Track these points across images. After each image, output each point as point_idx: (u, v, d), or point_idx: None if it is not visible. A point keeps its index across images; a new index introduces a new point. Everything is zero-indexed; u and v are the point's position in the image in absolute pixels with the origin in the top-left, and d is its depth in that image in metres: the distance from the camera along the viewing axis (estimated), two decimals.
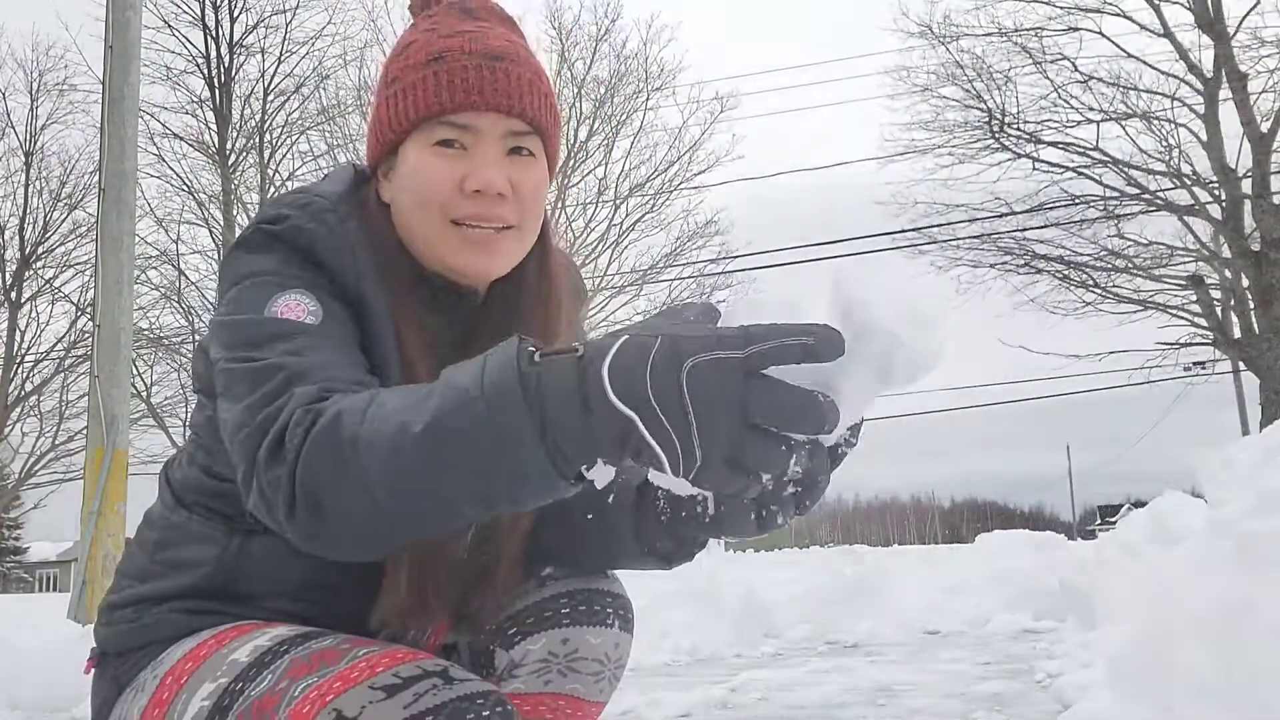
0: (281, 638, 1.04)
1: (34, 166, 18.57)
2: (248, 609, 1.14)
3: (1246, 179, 13.96)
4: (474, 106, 1.11)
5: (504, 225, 1.13)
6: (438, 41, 1.14)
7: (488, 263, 1.14)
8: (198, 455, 1.19)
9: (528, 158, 1.15)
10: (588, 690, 1.16)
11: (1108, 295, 15.29)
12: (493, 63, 1.13)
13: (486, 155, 1.12)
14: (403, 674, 0.92)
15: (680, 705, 4.13)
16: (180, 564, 1.16)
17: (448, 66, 1.12)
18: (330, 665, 0.96)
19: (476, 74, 1.12)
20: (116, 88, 7.31)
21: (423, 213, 1.12)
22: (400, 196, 1.15)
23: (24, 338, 18.74)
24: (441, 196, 1.11)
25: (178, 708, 1.03)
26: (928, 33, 15.41)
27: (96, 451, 6.89)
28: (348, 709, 0.90)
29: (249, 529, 1.14)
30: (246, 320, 1.03)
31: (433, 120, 1.12)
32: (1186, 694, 2.40)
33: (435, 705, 0.90)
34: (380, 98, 1.17)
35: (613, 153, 16.38)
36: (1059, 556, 8.27)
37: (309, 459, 0.88)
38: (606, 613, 1.17)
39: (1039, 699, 4.02)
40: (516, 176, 1.13)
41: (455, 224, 1.12)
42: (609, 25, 16.37)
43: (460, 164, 1.12)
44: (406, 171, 1.14)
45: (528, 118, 1.14)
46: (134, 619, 1.15)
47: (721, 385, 0.70)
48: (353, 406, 0.88)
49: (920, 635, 7.27)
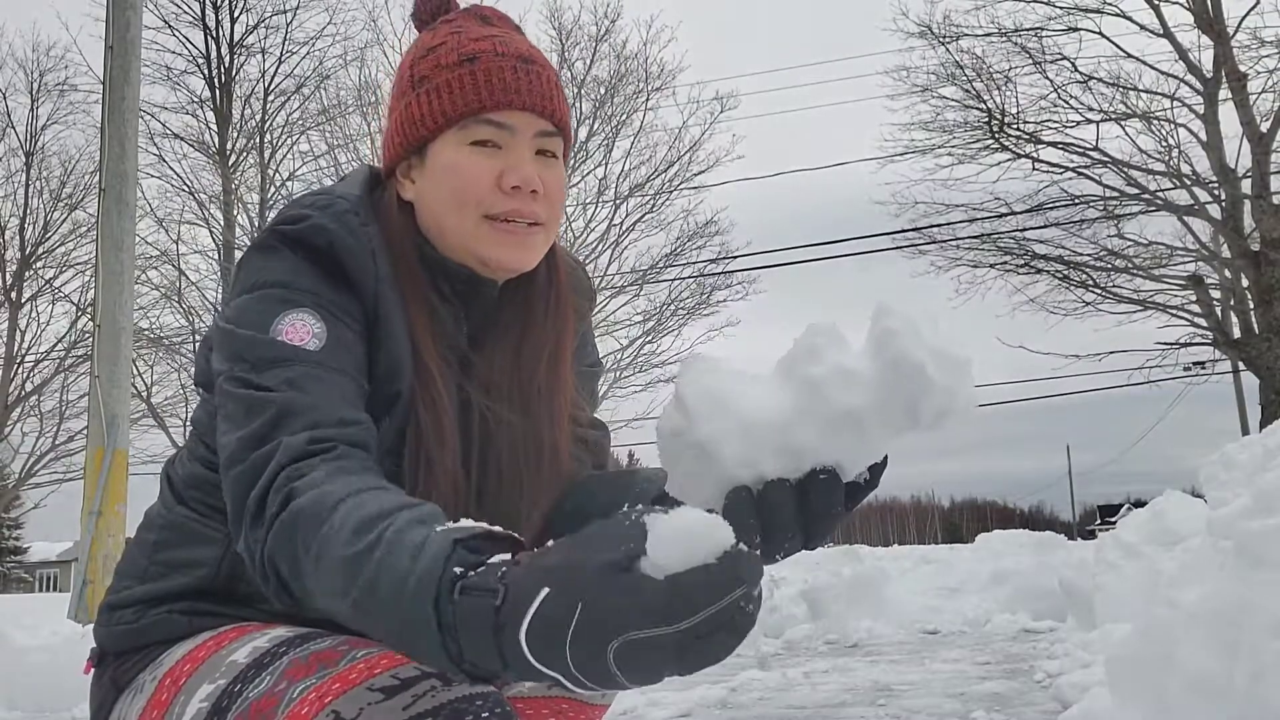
0: (280, 639, 1.04)
1: (34, 167, 18.57)
2: (247, 610, 1.13)
3: (1246, 179, 13.95)
4: (511, 105, 1.14)
5: (535, 221, 1.15)
6: (468, 44, 1.17)
7: (521, 256, 1.16)
8: (198, 449, 1.19)
9: (551, 159, 1.18)
10: (590, 694, 1.16)
11: (1108, 295, 15.28)
12: (526, 65, 1.16)
13: (521, 153, 1.15)
14: (401, 675, 0.92)
15: (680, 705, 4.14)
16: (179, 565, 1.16)
17: (484, 66, 1.14)
18: (329, 667, 0.95)
19: (513, 74, 1.14)
20: (116, 88, 7.32)
21: (458, 209, 1.14)
22: (431, 193, 1.16)
23: (24, 338, 18.75)
24: (480, 193, 1.13)
25: (176, 709, 1.03)
26: (927, 33, 15.40)
27: (96, 451, 6.89)
28: (346, 710, 0.90)
29: None
30: (250, 338, 1.03)
31: (470, 118, 1.14)
32: (1186, 694, 2.40)
33: (434, 707, 0.90)
34: (408, 97, 1.18)
35: (613, 153, 16.38)
36: (1059, 556, 8.28)
37: (274, 544, 0.90)
38: None
39: (1039, 699, 4.02)
40: (544, 175, 1.16)
41: (489, 219, 1.14)
42: (609, 25, 16.37)
43: (496, 161, 1.14)
44: (440, 168, 1.15)
45: (556, 119, 1.17)
46: (133, 620, 1.15)
47: (651, 665, 0.68)
48: (315, 511, 0.88)
49: (920, 635, 7.28)
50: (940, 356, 0.84)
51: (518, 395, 1.20)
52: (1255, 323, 13.73)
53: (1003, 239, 15.71)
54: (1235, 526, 2.45)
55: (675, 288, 16.82)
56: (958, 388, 0.85)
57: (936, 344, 0.85)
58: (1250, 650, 2.26)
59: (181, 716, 1.02)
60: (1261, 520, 2.39)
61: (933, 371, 0.83)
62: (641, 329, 16.55)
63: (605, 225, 16.35)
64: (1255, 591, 2.32)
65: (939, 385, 0.83)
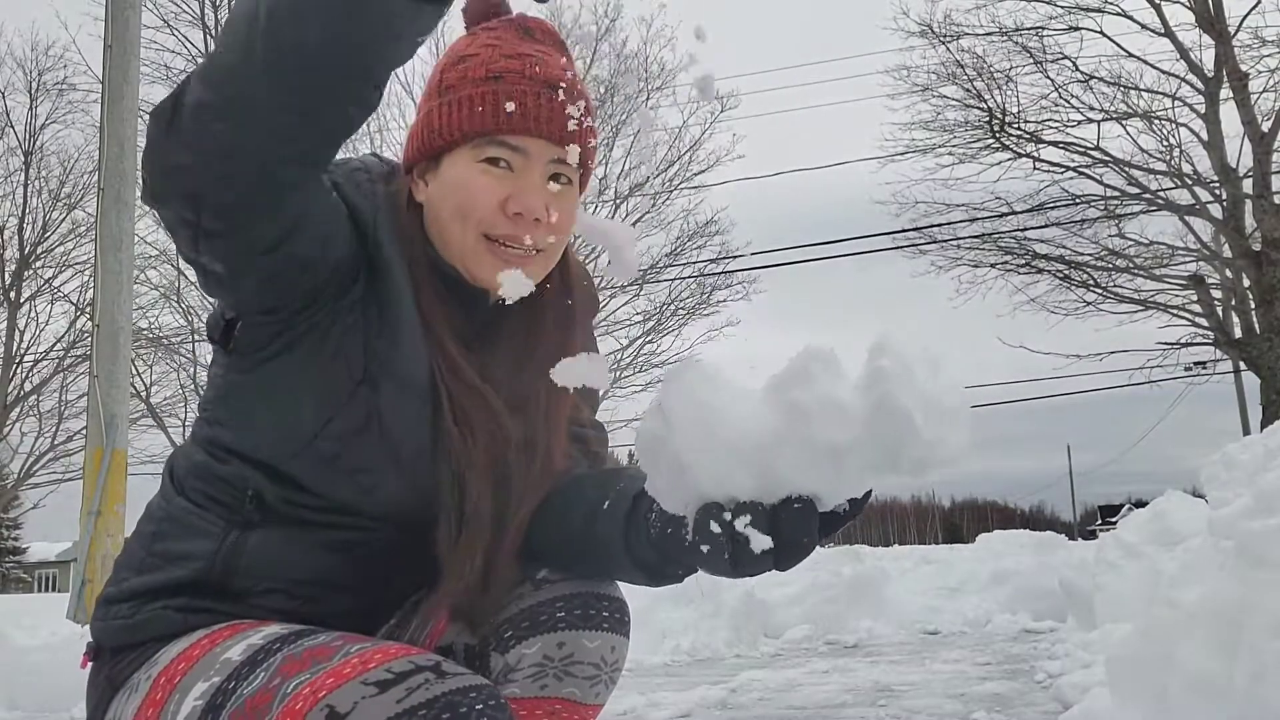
0: (274, 635, 1.04)
1: (33, 166, 18.56)
2: (242, 607, 1.14)
3: (1247, 178, 13.94)
4: (527, 131, 1.15)
5: (535, 249, 1.17)
6: (500, 61, 1.17)
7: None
8: (203, 429, 1.21)
9: (566, 185, 1.19)
10: (584, 694, 1.15)
11: (1108, 295, 15.27)
12: (550, 91, 1.16)
13: (531, 179, 1.16)
14: (395, 669, 0.93)
15: (680, 705, 4.13)
16: (176, 557, 1.17)
17: (506, 88, 1.15)
18: (322, 662, 0.96)
19: (535, 100, 1.15)
20: (116, 87, 7.31)
21: (460, 223, 1.16)
22: (439, 202, 1.18)
23: (23, 338, 18.76)
24: (482, 213, 1.15)
25: (170, 708, 1.04)
26: (928, 32, 15.39)
27: (96, 451, 6.88)
28: (340, 705, 0.90)
29: (246, 522, 1.16)
30: None
31: (485, 137, 1.15)
32: (1186, 694, 2.39)
33: (428, 700, 0.90)
34: (432, 103, 1.20)
35: (613, 152, 16.38)
36: (1059, 556, 8.28)
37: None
38: (602, 616, 1.16)
39: (1039, 699, 4.02)
40: (554, 203, 1.17)
41: (488, 239, 1.16)
42: (609, 25, 16.38)
43: (505, 184, 1.16)
44: (450, 180, 1.17)
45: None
46: (128, 615, 1.16)
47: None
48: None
49: (920, 635, 7.27)
50: (931, 405, 0.81)
51: (514, 401, 1.21)
52: (1256, 322, 13.72)
53: (1003, 239, 15.69)
54: (1236, 526, 2.44)
55: (675, 287, 16.83)
56: (946, 439, 0.82)
57: (930, 391, 0.82)
58: (1250, 650, 2.25)
59: (176, 715, 1.02)
60: (1262, 520, 2.39)
61: (920, 420, 0.80)
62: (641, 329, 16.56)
63: None
64: (1255, 591, 2.31)
65: (924, 436, 0.80)
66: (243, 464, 1.16)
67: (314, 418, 1.12)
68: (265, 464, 1.15)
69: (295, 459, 1.14)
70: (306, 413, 1.13)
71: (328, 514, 1.16)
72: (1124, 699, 2.70)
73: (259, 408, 1.16)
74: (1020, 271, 15.63)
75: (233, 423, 1.18)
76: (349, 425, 1.13)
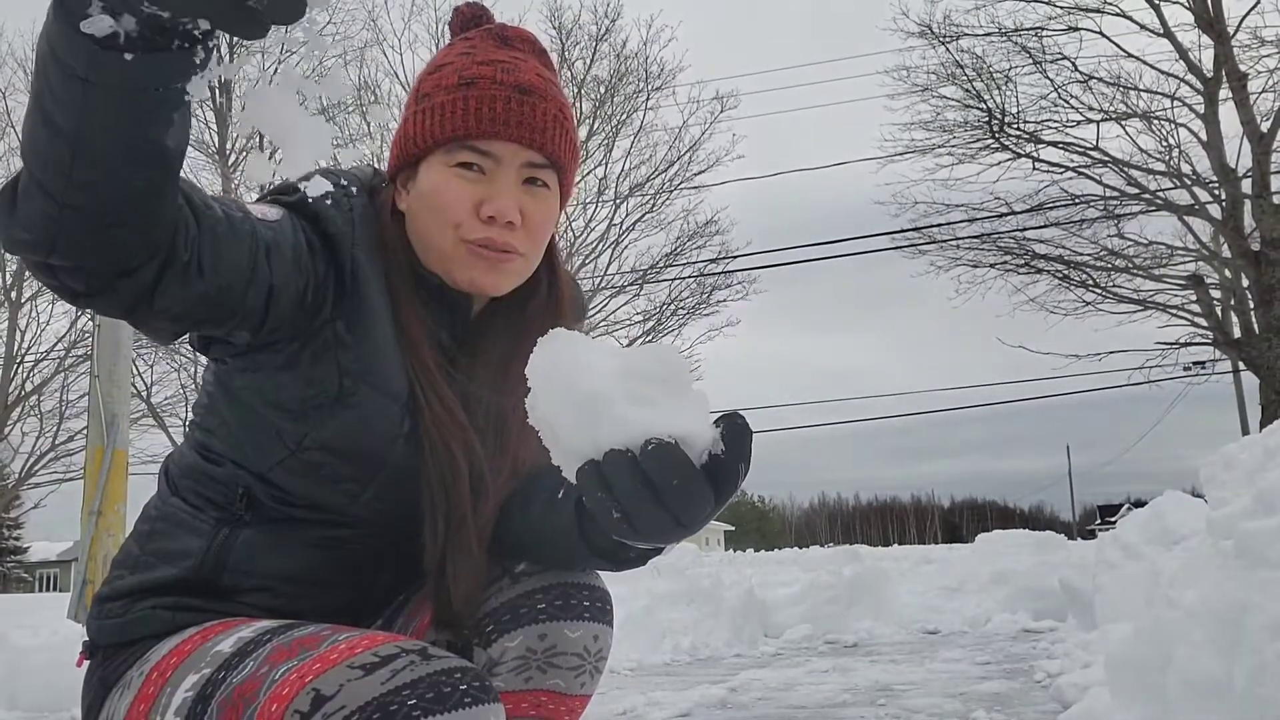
0: (265, 629, 1.06)
1: None
2: (232, 605, 1.16)
3: (1246, 179, 13.94)
4: (497, 135, 1.17)
5: (511, 251, 1.19)
6: (472, 67, 1.20)
7: (493, 280, 1.20)
8: (195, 434, 1.23)
9: (541, 189, 1.21)
10: (569, 685, 1.16)
11: (1108, 295, 15.27)
12: (521, 96, 1.18)
13: (503, 183, 1.18)
14: (381, 653, 0.94)
15: (680, 705, 4.13)
16: (168, 555, 1.19)
17: (477, 93, 1.17)
18: (310, 649, 0.97)
19: (504, 105, 1.17)
20: None
21: (438, 229, 1.18)
22: (417, 209, 1.20)
23: (24, 337, 18.76)
24: (457, 217, 1.17)
25: (163, 701, 1.05)
26: (928, 32, 15.39)
27: (96, 451, 6.89)
28: (326, 688, 0.91)
29: (236, 521, 1.18)
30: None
31: (456, 142, 1.17)
32: (1186, 694, 2.39)
33: (413, 680, 0.92)
34: (409, 111, 1.22)
35: (613, 152, 16.39)
36: (1059, 556, 8.29)
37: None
38: (583, 606, 1.16)
39: (1039, 699, 4.02)
40: (528, 206, 1.19)
41: (466, 243, 1.18)
42: (609, 25, 16.39)
43: (478, 188, 1.17)
44: (426, 187, 1.19)
45: (547, 152, 1.19)
46: (120, 614, 1.17)
47: None
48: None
49: (920, 635, 7.27)
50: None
51: (494, 410, 1.23)
52: (1255, 322, 13.73)
53: (1003, 239, 15.70)
54: (1235, 526, 2.45)
55: (675, 287, 16.86)
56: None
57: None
58: (1250, 650, 2.26)
59: (168, 707, 1.04)
60: (1262, 520, 2.39)
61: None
62: (641, 329, 16.57)
63: (605, 225, 16.38)
64: (1255, 591, 2.31)
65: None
66: (235, 467, 1.19)
67: (292, 432, 1.14)
68: (252, 470, 1.18)
69: (278, 468, 1.16)
70: (285, 427, 1.14)
71: (317, 513, 1.19)
72: (1123, 699, 2.70)
73: (240, 421, 1.17)
74: (1019, 271, 15.65)
75: (219, 431, 1.20)
76: (327, 440, 1.14)
